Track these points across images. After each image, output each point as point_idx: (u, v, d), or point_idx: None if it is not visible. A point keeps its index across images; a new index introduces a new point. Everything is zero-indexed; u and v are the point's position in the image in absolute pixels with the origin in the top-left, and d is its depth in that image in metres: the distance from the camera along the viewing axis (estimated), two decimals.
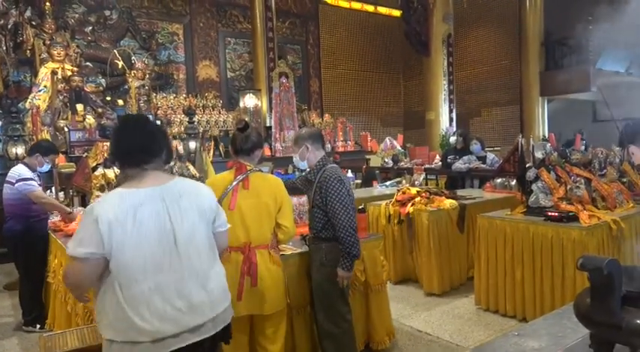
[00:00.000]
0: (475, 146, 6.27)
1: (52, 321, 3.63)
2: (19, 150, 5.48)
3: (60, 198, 5.23)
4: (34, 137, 6.21)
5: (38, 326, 3.86)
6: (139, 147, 1.78)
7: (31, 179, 3.87)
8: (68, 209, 3.98)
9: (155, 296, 1.66)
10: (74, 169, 5.63)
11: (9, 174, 3.93)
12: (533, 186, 3.90)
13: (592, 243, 3.38)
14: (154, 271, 1.67)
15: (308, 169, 2.92)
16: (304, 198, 4.07)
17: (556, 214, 3.57)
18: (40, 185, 3.97)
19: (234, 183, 2.45)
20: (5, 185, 3.98)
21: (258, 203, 2.46)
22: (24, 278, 3.94)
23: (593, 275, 1.11)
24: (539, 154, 5.71)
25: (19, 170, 3.89)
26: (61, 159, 6.26)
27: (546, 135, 11.54)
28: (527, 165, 4.14)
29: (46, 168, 4.10)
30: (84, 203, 5.07)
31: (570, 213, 3.55)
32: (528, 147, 4.63)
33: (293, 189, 2.98)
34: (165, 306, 1.66)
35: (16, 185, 3.81)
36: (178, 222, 1.73)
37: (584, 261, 1.13)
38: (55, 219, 4.26)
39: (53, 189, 5.32)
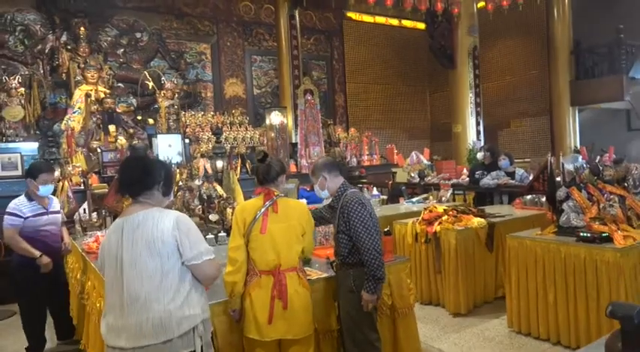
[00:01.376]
0: (503, 161, 6.16)
1: (87, 342, 3.70)
2: (55, 173, 5.67)
3: (93, 218, 5.40)
4: (69, 159, 6.43)
5: None
6: (129, 182, 2.10)
7: (14, 214, 3.69)
8: (37, 253, 3.69)
9: (109, 312, 2.03)
10: (107, 190, 5.81)
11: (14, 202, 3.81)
12: (564, 205, 3.80)
13: (627, 265, 3.27)
14: (109, 292, 2.05)
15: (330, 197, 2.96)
16: None
17: (589, 235, 3.47)
18: (40, 214, 3.81)
19: (264, 208, 2.52)
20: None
21: (287, 227, 2.54)
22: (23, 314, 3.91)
23: (624, 323, 1.08)
24: (570, 167, 5.58)
25: (15, 200, 3.79)
26: (93, 180, 6.47)
27: (578, 146, 11.25)
28: (558, 181, 4.05)
29: (45, 190, 3.83)
30: None
31: (604, 234, 3.44)
32: (558, 164, 4.54)
33: (320, 219, 3.04)
34: (113, 321, 1.99)
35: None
36: (128, 251, 1.97)
37: (613, 309, 1.10)
38: (88, 240, 4.39)
39: (86, 209, 5.51)
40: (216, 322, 2.49)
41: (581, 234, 3.51)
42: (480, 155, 6.78)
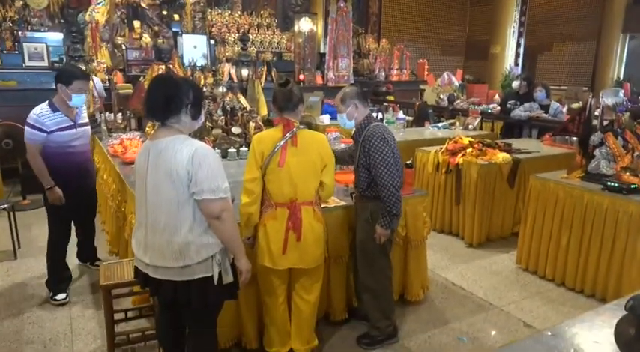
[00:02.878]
0: (540, 93, 5.86)
1: (117, 250, 3.90)
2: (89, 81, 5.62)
3: (118, 119, 5.45)
4: (94, 57, 6.33)
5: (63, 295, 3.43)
6: (153, 108, 2.03)
7: (35, 127, 3.17)
8: (51, 183, 3.26)
9: (139, 227, 2.13)
10: (131, 91, 5.79)
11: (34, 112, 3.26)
12: (596, 151, 3.68)
13: None
14: (138, 208, 2.13)
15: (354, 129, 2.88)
16: (351, 145, 4.06)
17: (616, 185, 3.39)
18: (66, 127, 3.29)
19: (283, 141, 2.45)
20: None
21: (305, 160, 2.48)
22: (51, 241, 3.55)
23: None
24: (609, 102, 5.32)
25: (36, 110, 3.23)
26: (118, 78, 6.41)
27: (621, 78, 10.63)
28: (594, 125, 3.88)
29: (78, 101, 3.29)
30: (140, 126, 5.26)
31: (632, 186, 3.35)
32: (597, 98, 4.31)
33: (351, 157, 2.98)
34: (142, 237, 2.09)
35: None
36: (152, 176, 2.01)
37: (634, 304, 1.09)
38: (113, 142, 4.46)
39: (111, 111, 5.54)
40: None
41: (609, 183, 3.43)
42: (515, 84, 6.45)
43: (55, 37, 7.42)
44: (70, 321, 3.15)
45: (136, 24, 7.38)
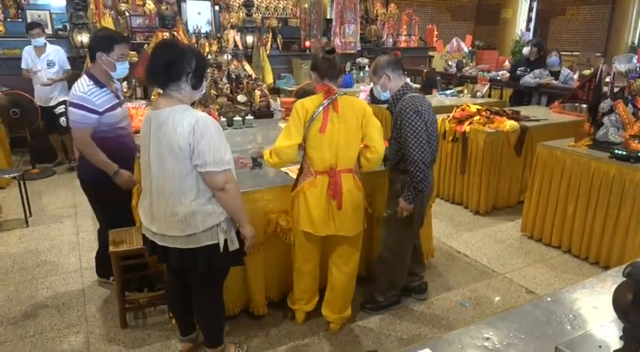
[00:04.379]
0: (554, 58, 5.73)
1: None
2: (84, 38, 5.57)
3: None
4: (97, 24, 6.25)
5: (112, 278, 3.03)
6: (154, 72, 2.00)
7: (85, 107, 2.62)
8: (114, 166, 2.74)
9: (144, 197, 2.15)
10: (136, 59, 5.74)
11: (75, 88, 2.69)
12: (605, 119, 3.63)
13: None
14: (143, 177, 2.14)
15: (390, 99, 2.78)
16: None
17: (624, 153, 3.36)
18: (115, 105, 2.77)
19: (324, 105, 2.42)
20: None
21: (346, 127, 2.44)
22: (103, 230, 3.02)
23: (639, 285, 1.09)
24: (621, 68, 5.21)
25: (79, 86, 2.66)
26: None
27: (636, 43, 10.36)
28: (604, 92, 3.81)
29: (122, 70, 2.78)
30: (146, 94, 5.25)
31: None
32: (609, 65, 4.22)
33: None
34: (148, 206, 2.11)
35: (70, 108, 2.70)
36: (154, 147, 2.00)
37: (632, 270, 1.09)
38: None
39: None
40: None
41: (616, 151, 3.39)
42: (525, 50, 6.31)
43: (58, 4, 7.30)
44: (82, 287, 3.24)
45: None
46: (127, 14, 6.88)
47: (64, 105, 5.46)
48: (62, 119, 5.44)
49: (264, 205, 2.71)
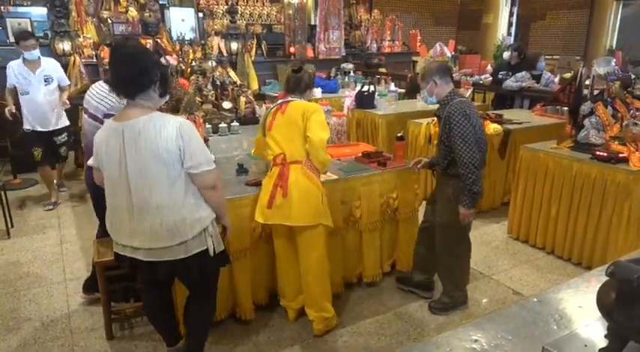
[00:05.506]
0: (542, 63, 5.84)
1: None
2: (66, 46, 5.51)
3: None
4: (79, 32, 6.19)
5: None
6: (124, 82, 1.92)
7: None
8: None
9: (114, 213, 2.04)
10: None
11: (91, 95, 2.76)
12: (586, 121, 3.69)
13: (638, 188, 3.25)
14: (112, 194, 2.03)
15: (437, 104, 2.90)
16: (343, 118, 4.04)
17: (604, 154, 3.42)
18: None
19: (272, 108, 2.65)
20: (84, 114, 2.85)
21: (288, 122, 2.59)
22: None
23: (622, 284, 1.10)
24: (600, 71, 5.31)
25: (100, 91, 2.73)
26: (105, 53, 6.29)
27: (614, 46, 10.57)
28: (585, 95, 3.88)
29: None
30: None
31: (620, 155, 3.38)
32: (589, 68, 4.30)
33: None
34: (119, 223, 2.04)
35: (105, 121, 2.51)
36: (132, 158, 1.91)
37: (614, 270, 1.11)
38: None
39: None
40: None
41: (597, 152, 3.45)
42: (506, 54, 6.41)
43: (39, 12, 7.22)
44: (66, 298, 3.18)
45: None
46: (110, 21, 6.83)
47: (66, 133, 4.86)
48: (64, 149, 4.82)
49: (249, 211, 2.70)
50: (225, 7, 8.55)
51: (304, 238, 2.65)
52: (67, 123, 4.83)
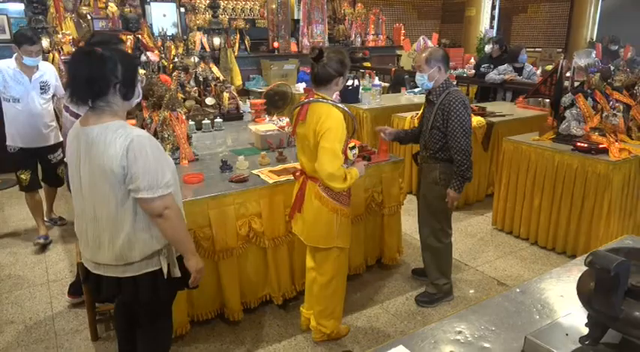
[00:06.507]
0: (524, 56, 5.89)
1: None
2: (44, 43, 5.40)
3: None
4: (58, 28, 6.07)
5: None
6: (72, 89, 1.71)
7: None
8: None
9: (76, 218, 1.90)
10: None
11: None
12: (567, 113, 3.74)
13: (617, 178, 3.32)
14: (74, 198, 1.89)
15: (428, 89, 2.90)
16: None
17: (585, 145, 3.47)
18: None
19: (295, 108, 2.45)
20: (65, 112, 2.97)
21: (304, 135, 2.36)
22: None
23: (600, 273, 1.12)
24: (581, 63, 5.37)
25: None
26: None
27: (594, 38, 10.71)
28: (565, 87, 3.93)
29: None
30: None
31: (601, 146, 3.43)
32: (570, 61, 4.35)
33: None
34: (79, 227, 1.89)
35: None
36: (85, 169, 1.77)
37: (593, 259, 1.13)
38: None
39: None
40: (211, 214, 2.59)
41: (578, 143, 3.50)
42: (487, 47, 6.46)
43: (16, 8, 7.06)
44: (50, 300, 3.14)
45: None
46: (89, 17, 6.71)
47: (61, 149, 4.02)
48: (61, 169, 4.01)
49: (235, 209, 2.67)
50: (208, 1, 8.47)
51: (317, 256, 2.55)
52: (61, 138, 3.97)
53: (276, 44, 8.42)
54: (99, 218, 1.78)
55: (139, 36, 6.12)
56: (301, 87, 6.65)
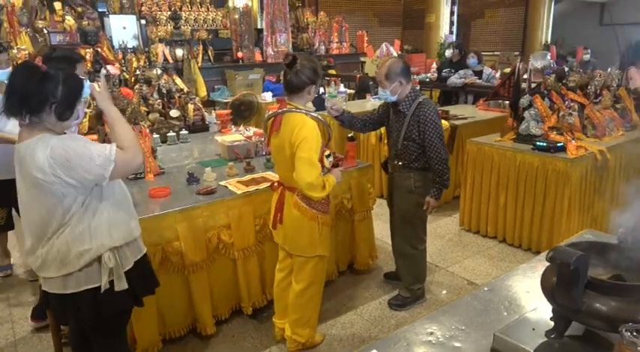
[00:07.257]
0: (472, 60, 6.07)
1: None
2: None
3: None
4: (12, 43, 5.88)
5: None
6: (10, 104, 1.69)
7: None
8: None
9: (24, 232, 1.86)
10: None
11: None
12: (526, 113, 3.86)
13: (575, 174, 3.44)
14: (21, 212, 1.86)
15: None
16: None
17: (544, 144, 3.59)
18: None
19: (268, 119, 2.42)
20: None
21: (279, 145, 2.34)
22: None
23: (561, 267, 1.16)
24: (537, 65, 5.56)
25: None
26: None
27: (549, 41, 11.13)
28: (523, 89, 4.06)
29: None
30: None
31: (559, 144, 3.56)
32: (527, 62, 4.49)
33: (375, 124, 3.15)
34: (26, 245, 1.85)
35: None
36: (20, 182, 1.77)
37: (554, 255, 1.17)
38: None
39: None
40: (179, 228, 2.55)
41: (537, 143, 3.62)
42: (448, 52, 6.63)
43: None
44: (11, 325, 3.01)
45: (57, 5, 6.91)
46: (46, 31, 6.53)
47: None
48: None
49: (203, 222, 2.64)
50: (169, 13, 8.38)
51: (295, 263, 2.53)
52: None
53: (240, 54, 8.40)
54: (35, 228, 1.76)
55: (99, 49, 5.99)
56: (267, 96, 6.64)
